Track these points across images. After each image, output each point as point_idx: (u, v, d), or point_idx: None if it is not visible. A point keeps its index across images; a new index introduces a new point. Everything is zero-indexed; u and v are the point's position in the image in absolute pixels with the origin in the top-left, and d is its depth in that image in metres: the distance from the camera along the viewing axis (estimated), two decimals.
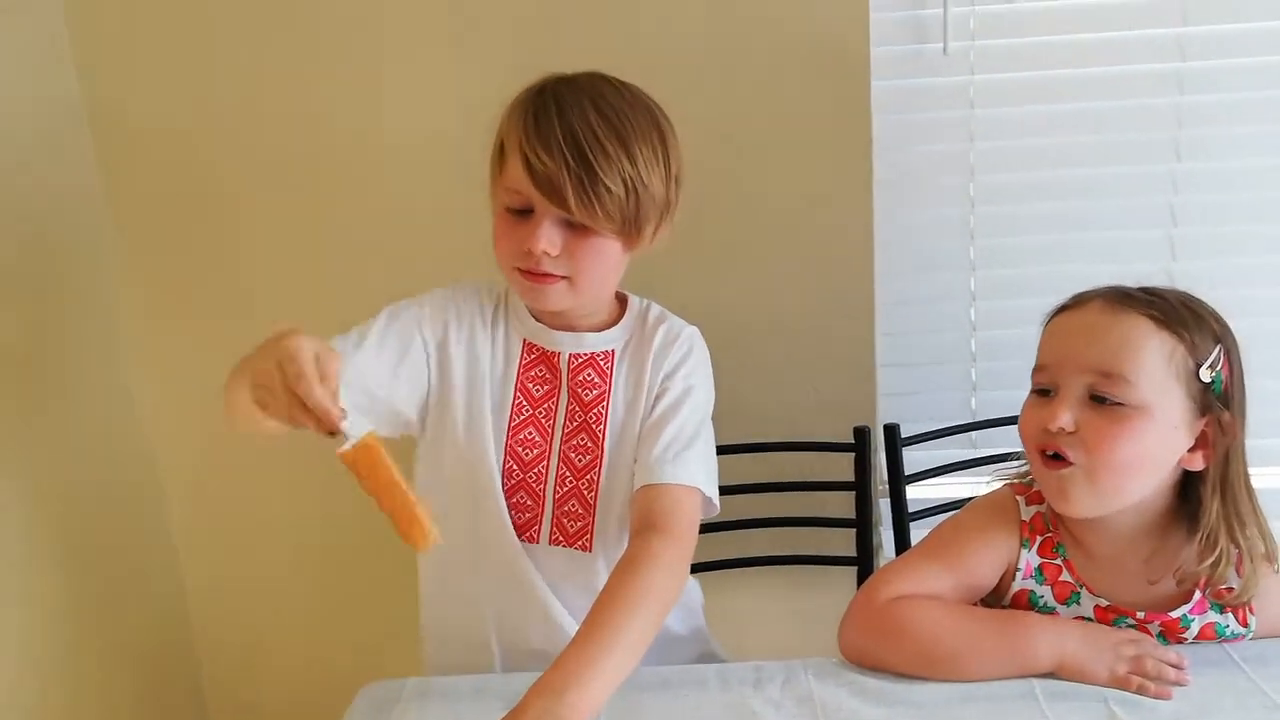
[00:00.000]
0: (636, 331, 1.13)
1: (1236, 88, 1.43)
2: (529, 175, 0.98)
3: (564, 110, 0.98)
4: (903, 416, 1.46)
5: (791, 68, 1.42)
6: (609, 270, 1.06)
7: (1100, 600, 1.00)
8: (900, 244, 1.50)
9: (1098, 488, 0.96)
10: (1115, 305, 0.97)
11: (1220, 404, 0.95)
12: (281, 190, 1.49)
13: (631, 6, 1.41)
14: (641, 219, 1.02)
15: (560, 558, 1.09)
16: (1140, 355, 0.93)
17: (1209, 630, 1.00)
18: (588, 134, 0.97)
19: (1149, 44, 1.42)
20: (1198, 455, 0.96)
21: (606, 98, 1.01)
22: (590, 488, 1.09)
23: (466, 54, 1.43)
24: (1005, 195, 1.48)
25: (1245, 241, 1.47)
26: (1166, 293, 0.98)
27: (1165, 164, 1.45)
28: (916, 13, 1.43)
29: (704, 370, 1.14)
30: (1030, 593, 1.02)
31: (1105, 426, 0.93)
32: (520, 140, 0.99)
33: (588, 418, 1.09)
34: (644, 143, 1.00)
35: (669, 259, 1.47)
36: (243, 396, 0.89)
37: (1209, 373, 0.94)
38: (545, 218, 0.99)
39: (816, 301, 1.50)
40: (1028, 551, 1.03)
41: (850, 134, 1.44)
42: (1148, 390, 0.93)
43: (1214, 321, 0.97)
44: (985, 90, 1.44)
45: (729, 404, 1.48)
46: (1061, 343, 0.99)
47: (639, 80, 1.39)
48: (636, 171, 0.99)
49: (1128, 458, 0.94)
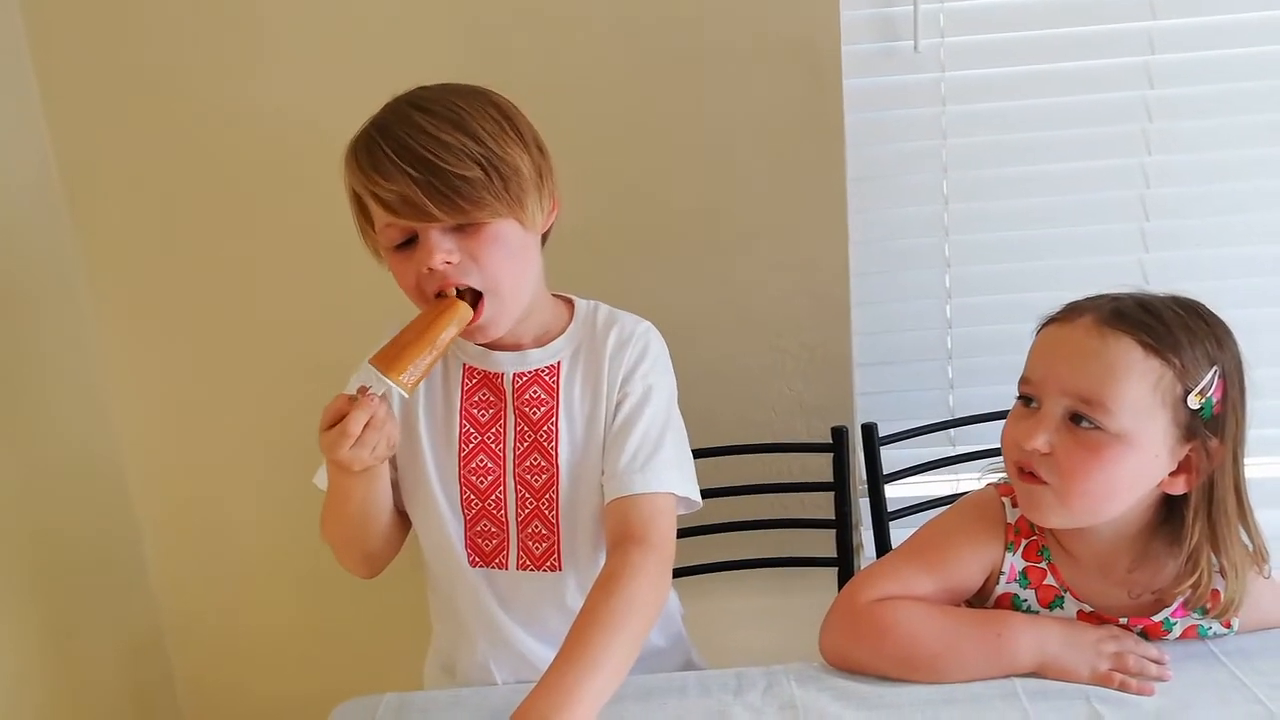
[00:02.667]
0: (586, 338, 1.08)
1: (1206, 80, 1.43)
2: (384, 208, 0.94)
3: (386, 130, 0.95)
4: (880, 415, 1.45)
5: (763, 67, 1.42)
6: (519, 261, 1.00)
7: (1084, 606, 0.99)
8: (874, 242, 1.50)
9: (1068, 509, 0.94)
10: (1105, 326, 0.92)
11: (1209, 430, 0.92)
12: (251, 201, 1.48)
13: (603, 7, 1.40)
14: (517, 191, 0.96)
15: (530, 582, 1.07)
16: (1124, 384, 0.90)
17: (1191, 632, 0.99)
18: (419, 135, 0.93)
19: (1118, 38, 1.42)
20: (1180, 479, 0.94)
21: (426, 97, 0.97)
22: (550, 506, 1.06)
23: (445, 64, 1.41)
24: (978, 191, 1.48)
25: (1217, 233, 1.47)
26: (1165, 309, 0.92)
27: (1136, 157, 1.46)
28: (886, 10, 1.42)
29: (662, 365, 1.09)
30: (1014, 596, 1.01)
31: (1080, 452, 0.91)
32: (364, 183, 0.95)
33: (538, 436, 1.05)
34: (483, 119, 0.96)
35: (642, 259, 1.47)
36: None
37: (1198, 399, 0.90)
38: (428, 234, 0.95)
39: (791, 301, 1.49)
40: (1012, 555, 1.01)
41: (823, 132, 1.44)
42: (1129, 419, 0.90)
43: (1211, 342, 0.92)
44: (957, 87, 1.44)
45: (705, 407, 1.48)
46: (1048, 359, 0.96)
47: (610, 82, 1.41)
48: (486, 149, 0.94)
49: (1100, 484, 0.92)
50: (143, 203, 1.48)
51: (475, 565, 1.07)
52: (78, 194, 1.48)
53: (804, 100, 1.43)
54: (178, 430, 1.57)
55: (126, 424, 1.57)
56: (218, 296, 1.51)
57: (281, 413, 1.50)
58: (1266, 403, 1.46)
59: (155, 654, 1.64)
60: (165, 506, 1.60)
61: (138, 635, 1.60)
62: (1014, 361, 1.00)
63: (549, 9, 1.40)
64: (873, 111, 1.45)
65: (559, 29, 1.40)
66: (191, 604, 1.64)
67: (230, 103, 1.44)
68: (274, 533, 1.59)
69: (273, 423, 1.52)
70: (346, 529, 1.06)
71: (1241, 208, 1.46)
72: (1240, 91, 1.43)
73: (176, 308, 1.52)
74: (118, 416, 1.56)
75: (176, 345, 1.54)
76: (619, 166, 1.44)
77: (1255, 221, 1.47)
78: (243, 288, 1.51)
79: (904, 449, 1.43)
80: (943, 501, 1.40)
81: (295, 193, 1.45)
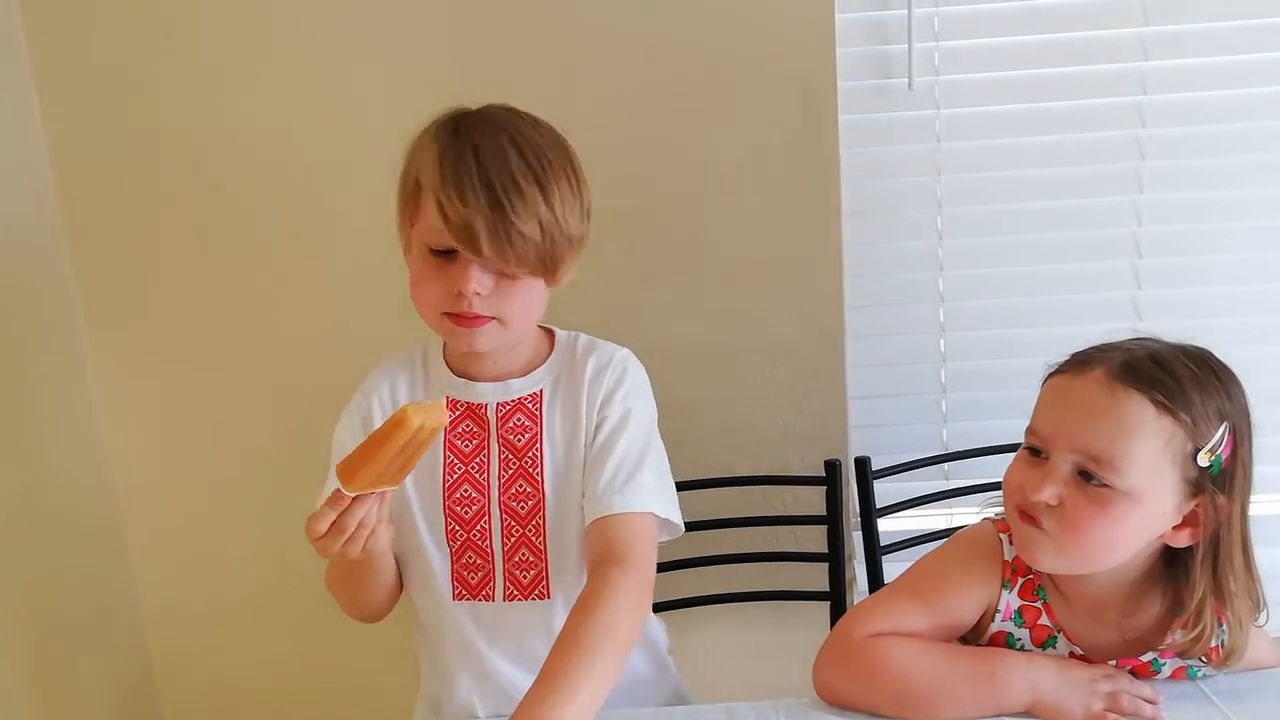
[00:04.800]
0: (566, 366, 1.10)
1: (1198, 121, 1.45)
2: (446, 226, 0.95)
3: (480, 152, 0.96)
4: (874, 448, 1.45)
5: (760, 102, 1.43)
6: (536, 307, 1.04)
7: (1075, 648, 0.99)
8: (869, 276, 1.50)
9: (1067, 558, 0.93)
10: (1117, 382, 0.90)
11: (1216, 485, 0.91)
12: (249, 216, 1.48)
13: (607, 42, 1.42)
14: (557, 258, 1.00)
15: (517, 613, 1.07)
16: (1134, 443, 0.88)
17: (1180, 672, 0.99)
18: (505, 178, 0.95)
19: (1111, 78, 1.44)
20: (1184, 533, 0.93)
21: (524, 134, 0.99)
22: (537, 533, 1.06)
23: (431, 80, 1.42)
24: (972, 227, 1.49)
25: (1208, 271, 1.48)
26: (1177, 363, 0.91)
27: (1129, 195, 1.47)
28: (882, 48, 1.44)
29: (641, 390, 1.10)
30: (1008, 635, 1.01)
31: (1087, 507, 0.90)
32: (437, 189, 0.96)
33: (523, 463, 1.06)
34: (560, 181, 0.99)
35: (638, 290, 1.48)
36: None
37: (1208, 457, 0.89)
38: (470, 262, 0.97)
39: (786, 334, 1.50)
40: (1008, 593, 1.00)
41: (819, 167, 1.45)
42: (1138, 477, 0.89)
43: (1222, 396, 0.91)
44: (951, 124, 1.46)
45: (698, 437, 1.48)
46: (1056, 413, 0.94)
47: (609, 114, 1.42)
48: (553, 214, 0.97)
49: (1104, 539, 0.91)
50: (138, 215, 1.48)
51: (460, 599, 1.08)
52: (73, 206, 1.48)
53: (800, 135, 1.44)
54: (170, 457, 1.57)
55: (118, 449, 1.56)
56: (213, 316, 1.52)
57: (277, 439, 1.50)
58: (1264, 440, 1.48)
59: (145, 692, 1.63)
60: (156, 540, 1.59)
61: (127, 673, 1.59)
62: (1008, 397, 1.00)
63: (546, 38, 1.42)
64: (868, 147, 1.47)
65: (556, 61, 1.42)
66: (181, 640, 1.63)
67: (228, 114, 1.45)
68: (266, 567, 1.57)
69: (268, 451, 1.52)
70: (351, 593, 1.09)
71: (1233, 247, 1.47)
72: (1231, 132, 1.44)
73: (170, 329, 1.52)
74: (110, 442, 1.56)
75: (170, 367, 1.54)
76: (617, 197, 1.43)
77: (1247, 260, 1.47)
78: (239, 306, 1.51)
79: (898, 483, 1.43)
80: (937, 536, 1.40)
81: (293, 208, 1.47)
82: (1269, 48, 1.42)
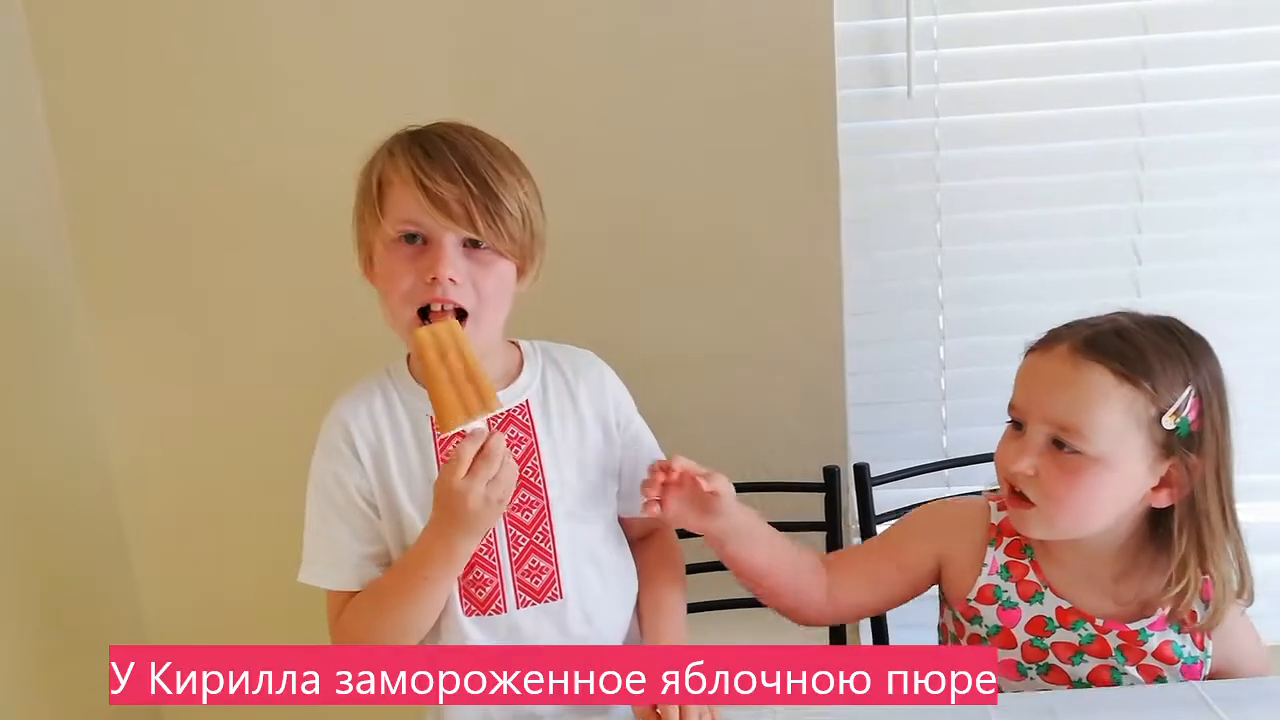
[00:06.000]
0: (545, 373, 1.13)
1: (1196, 128, 1.45)
2: (430, 201, 0.98)
3: (453, 144, 1.00)
4: (875, 455, 1.46)
5: (761, 109, 1.44)
6: (504, 299, 1.05)
7: (1063, 602, 1.04)
8: (869, 283, 1.51)
9: (1053, 526, 1.00)
10: (1080, 355, 0.97)
11: (1188, 446, 0.96)
12: (251, 216, 1.49)
13: (609, 52, 1.43)
14: (533, 246, 1.05)
15: (531, 618, 1.07)
16: (1098, 411, 0.95)
17: (1166, 649, 1.02)
18: (482, 162, 1.00)
19: (1110, 86, 1.44)
20: (1163, 493, 0.99)
21: (484, 139, 1.04)
22: (546, 539, 1.07)
23: (427, 91, 1.44)
24: (972, 234, 1.50)
25: (1208, 278, 1.49)
26: (1139, 334, 0.98)
27: (1128, 203, 1.47)
28: (881, 57, 1.45)
29: (616, 378, 1.18)
30: (995, 587, 1.06)
31: (1062, 475, 0.97)
32: (414, 171, 0.98)
33: (522, 473, 1.06)
34: (526, 179, 1.04)
35: (639, 298, 1.48)
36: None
37: (1173, 420, 0.95)
38: (445, 244, 0.99)
39: (786, 341, 1.50)
40: (994, 550, 1.07)
41: (818, 174, 1.45)
42: (1105, 442, 0.95)
43: (1186, 362, 0.97)
44: (950, 132, 1.46)
45: (700, 442, 1.47)
46: (1030, 387, 1.02)
47: (609, 121, 1.43)
48: (528, 199, 1.03)
49: (1083, 503, 0.97)
50: (140, 213, 1.49)
51: (470, 614, 1.06)
52: (75, 204, 1.49)
53: (800, 142, 1.45)
54: (170, 453, 1.57)
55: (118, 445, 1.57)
56: (213, 306, 1.53)
57: (277, 435, 1.50)
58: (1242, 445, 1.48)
59: None
60: (155, 532, 1.60)
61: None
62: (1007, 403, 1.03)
63: (545, 46, 1.43)
64: (868, 154, 1.47)
65: (556, 70, 1.43)
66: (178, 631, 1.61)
67: (232, 114, 1.46)
68: (265, 563, 1.57)
69: (268, 445, 1.51)
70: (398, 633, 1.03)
71: (1233, 253, 1.48)
72: (1229, 140, 1.45)
73: (170, 320, 1.53)
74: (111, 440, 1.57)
75: (171, 364, 1.55)
76: (618, 205, 1.46)
77: (1246, 266, 1.48)
78: (240, 304, 1.52)
79: (897, 489, 1.43)
80: None
81: (296, 208, 1.47)
82: (1268, 56, 1.43)
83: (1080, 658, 1.04)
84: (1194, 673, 1.03)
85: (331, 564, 1.05)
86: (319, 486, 1.07)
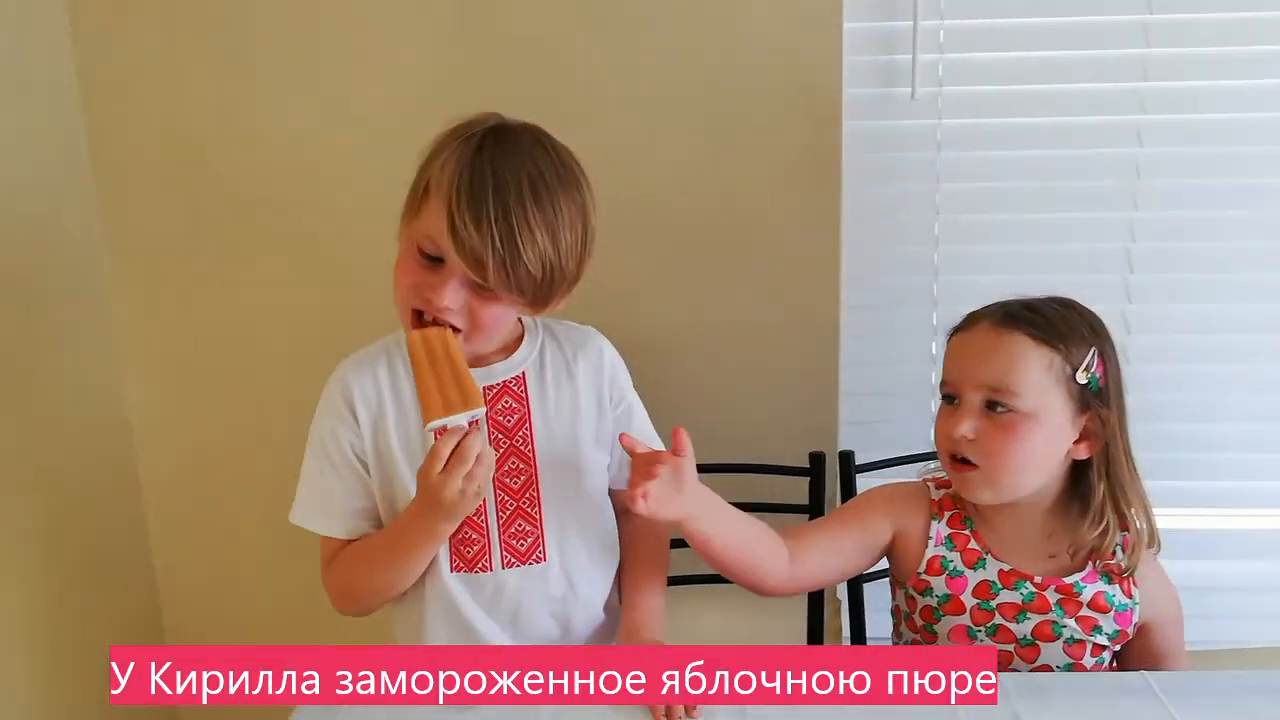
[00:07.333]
0: (544, 347, 1.18)
1: (1193, 141, 1.49)
2: (452, 239, 0.99)
3: (499, 182, 0.99)
4: (865, 443, 1.51)
5: (769, 106, 1.48)
6: (502, 325, 1.09)
7: (1003, 565, 1.15)
8: (867, 278, 1.55)
9: (997, 486, 1.12)
10: (1000, 326, 1.11)
11: (1099, 400, 1.11)
12: (276, 194, 1.54)
13: (618, 49, 1.47)
14: (551, 294, 1.06)
15: (516, 578, 1.14)
16: (1023, 370, 1.09)
17: (1099, 599, 1.13)
18: (519, 214, 0.99)
19: (1110, 97, 1.48)
20: (1083, 446, 1.12)
21: (541, 170, 1.02)
22: (533, 504, 1.14)
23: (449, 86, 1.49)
24: (969, 235, 1.54)
25: (1197, 288, 1.53)
26: (1044, 306, 1.13)
27: (1123, 211, 1.51)
28: (887, 58, 1.49)
29: (615, 353, 1.23)
30: (941, 558, 1.17)
31: (999, 434, 1.09)
32: (450, 199, 0.99)
33: (513, 441, 1.13)
34: (569, 227, 1.03)
35: (648, 285, 1.53)
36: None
37: (1085, 375, 1.09)
38: (455, 276, 1.02)
39: (785, 330, 1.55)
40: (938, 523, 1.18)
41: (822, 170, 1.50)
42: (1032, 398, 1.08)
43: (1088, 329, 1.12)
44: (952, 134, 1.50)
45: (697, 424, 1.52)
46: (959, 361, 1.14)
47: (622, 119, 1.47)
48: (558, 256, 1.02)
49: (1021, 457, 1.10)
50: (168, 200, 1.55)
51: (457, 570, 1.13)
52: (107, 190, 1.55)
53: (806, 139, 1.49)
54: (190, 428, 1.64)
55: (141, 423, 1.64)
56: (237, 300, 1.59)
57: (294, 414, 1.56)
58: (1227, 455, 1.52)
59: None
60: (174, 504, 1.67)
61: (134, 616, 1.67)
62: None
63: (553, 45, 1.47)
64: (870, 154, 1.51)
65: (565, 67, 1.48)
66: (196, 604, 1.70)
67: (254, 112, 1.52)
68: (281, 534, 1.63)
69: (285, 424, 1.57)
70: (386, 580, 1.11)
71: (1224, 266, 1.52)
72: (1226, 154, 1.49)
73: (195, 308, 1.59)
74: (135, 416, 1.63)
75: (198, 337, 1.61)
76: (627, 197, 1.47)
77: (1237, 280, 1.52)
78: (261, 290, 1.58)
79: (880, 476, 1.48)
80: None
81: (316, 194, 1.53)
82: (1268, 74, 1.46)
83: (1024, 616, 1.13)
84: (1125, 619, 1.14)
85: (323, 512, 1.13)
86: (317, 438, 1.14)
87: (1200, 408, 1.54)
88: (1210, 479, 1.55)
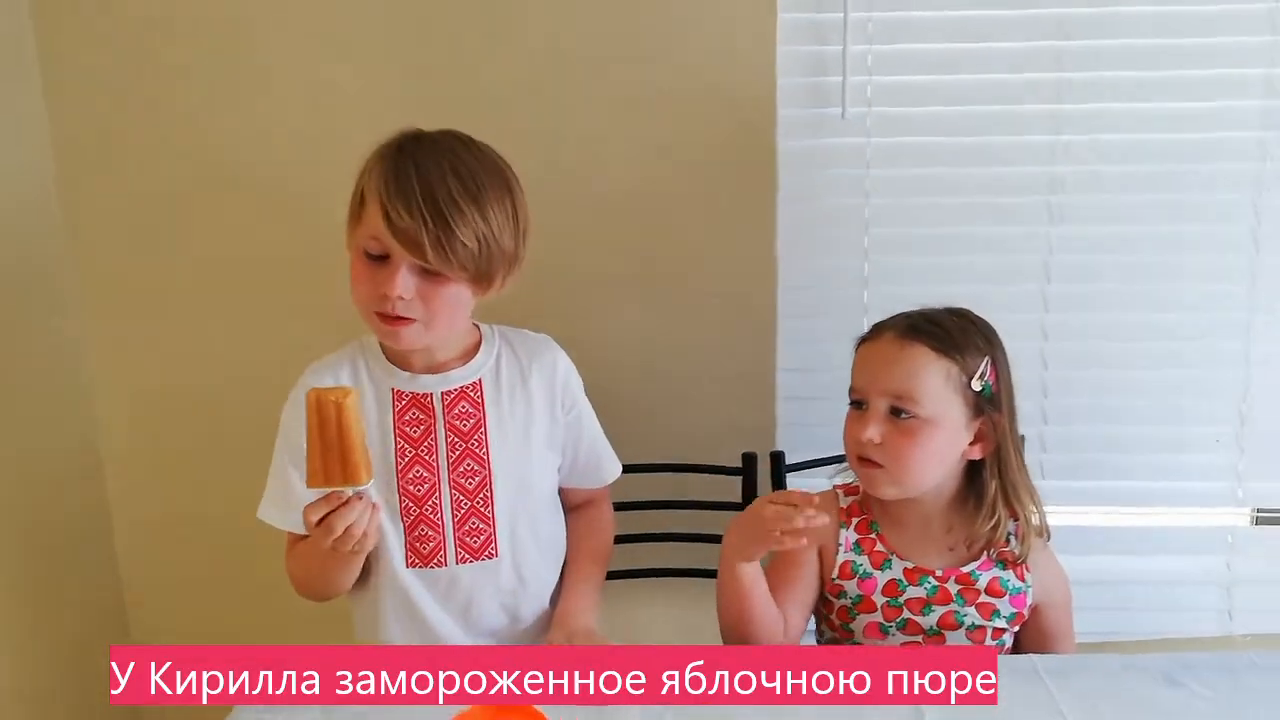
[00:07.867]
0: (500, 356, 1.25)
1: (1106, 161, 1.57)
2: (389, 228, 1.08)
3: (422, 170, 1.08)
4: (801, 445, 1.59)
5: (708, 125, 1.56)
6: (458, 313, 1.17)
7: (907, 563, 1.24)
8: (801, 288, 1.63)
9: (901, 484, 1.21)
10: (903, 338, 1.20)
11: (992, 405, 1.21)
12: (237, 193, 1.59)
13: (555, 66, 1.55)
14: (492, 270, 1.14)
15: (469, 573, 1.22)
16: (923, 379, 1.18)
17: (995, 584, 1.23)
18: (444, 194, 1.08)
19: (1028, 118, 1.57)
20: (977, 447, 1.22)
21: (462, 159, 1.11)
22: (486, 504, 1.22)
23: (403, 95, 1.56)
24: (896, 248, 1.62)
25: (1110, 299, 1.61)
26: (943, 318, 1.22)
27: (1042, 226, 1.60)
28: (819, 79, 1.57)
29: (569, 362, 1.30)
30: (852, 562, 1.25)
31: (903, 438, 1.18)
32: (381, 195, 1.09)
33: (469, 445, 1.21)
34: (497, 204, 1.12)
35: (595, 295, 1.60)
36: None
37: (979, 383, 1.19)
38: (401, 265, 1.10)
39: (725, 338, 1.64)
40: (847, 530, 1.26)
41: (758, 186, 1.58)
42: (932, 405, 1.17)
43: (981, 339, 1.21)
44: (880, 152, 1.58)
45: (638, 425, 1.60)
46: (866, 369, 1.23)
47: (567, 132, 1.55)
48: (489, 229, 1.11)
49: (921, 459, 1.19)
50: (135, 204, 1.60)
51: (413, 566, 1.21)
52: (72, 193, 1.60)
53: (744, 157, 1.57)
54: (160, 435, 1.69)
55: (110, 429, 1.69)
56: (206, 301, 1.64)
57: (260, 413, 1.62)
58: (1136, 458, 1.61)
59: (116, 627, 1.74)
60: (141, 508, 1.71)
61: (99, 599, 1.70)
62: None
63: (505, 64, 1.54)
64: (804, 170, 1.59)
65: (514, 74, 1.55)
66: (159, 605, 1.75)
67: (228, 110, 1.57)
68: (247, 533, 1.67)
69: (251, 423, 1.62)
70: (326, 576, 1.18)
71: (1136, 278, 1.60)
72: (1138, 173, 1.57)
73: (162, 306, 1.65)
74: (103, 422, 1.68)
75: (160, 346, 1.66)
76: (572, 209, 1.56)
77: (1145, 291, 1.60)
78: (231, 292, 1.64)
79: (808, 477, 1.56)
80: None
81: (287, 197, 1.58)
82: (1175, 97, 1.55)
83: (929, 609, 1.22)
84: (1020, 601, 1.24)
85: (282, 506, 1.20)
86: (283, 434, 1.22)
87: (1113, 411, 1.63)
88: (1123, 479, 1.64)
